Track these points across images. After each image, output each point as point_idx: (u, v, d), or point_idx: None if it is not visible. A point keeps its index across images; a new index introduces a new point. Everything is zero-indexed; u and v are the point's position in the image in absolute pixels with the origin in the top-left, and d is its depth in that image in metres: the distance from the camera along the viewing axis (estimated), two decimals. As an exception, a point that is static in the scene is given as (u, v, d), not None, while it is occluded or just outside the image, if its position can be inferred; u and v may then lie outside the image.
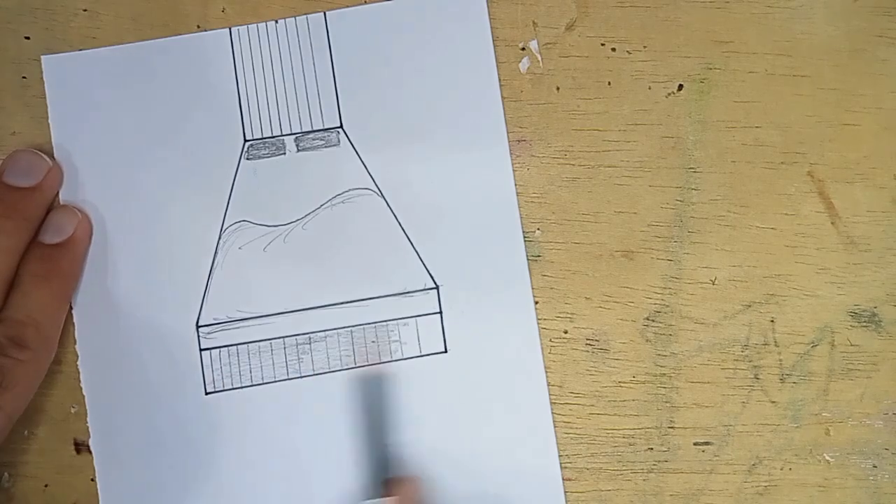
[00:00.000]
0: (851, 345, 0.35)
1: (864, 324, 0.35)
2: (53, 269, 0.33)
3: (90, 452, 0.34)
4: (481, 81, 0.36)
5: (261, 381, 0.35)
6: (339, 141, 0.36)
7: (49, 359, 0.34)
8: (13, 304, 0.32)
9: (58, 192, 0.35)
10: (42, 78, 0.36)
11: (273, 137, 0.36)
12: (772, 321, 0.35)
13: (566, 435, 0.35)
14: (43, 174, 0.34)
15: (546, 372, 0.35)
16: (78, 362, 0.34)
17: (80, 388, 0.34)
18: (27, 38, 0.36)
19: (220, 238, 0.35)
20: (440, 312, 0.35)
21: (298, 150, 0.36)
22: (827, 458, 0.35)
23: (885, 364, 0.35)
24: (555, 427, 0.35)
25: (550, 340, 0.35)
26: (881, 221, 0.36)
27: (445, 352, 0.35)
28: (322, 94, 0.36)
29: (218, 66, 0.36)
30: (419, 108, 0.36)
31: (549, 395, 0.35)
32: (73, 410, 0.34)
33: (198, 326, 0.35)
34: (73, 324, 0.35)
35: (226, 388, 0.35)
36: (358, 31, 0.36)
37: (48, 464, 0.34)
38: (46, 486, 0.34)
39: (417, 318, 0.35)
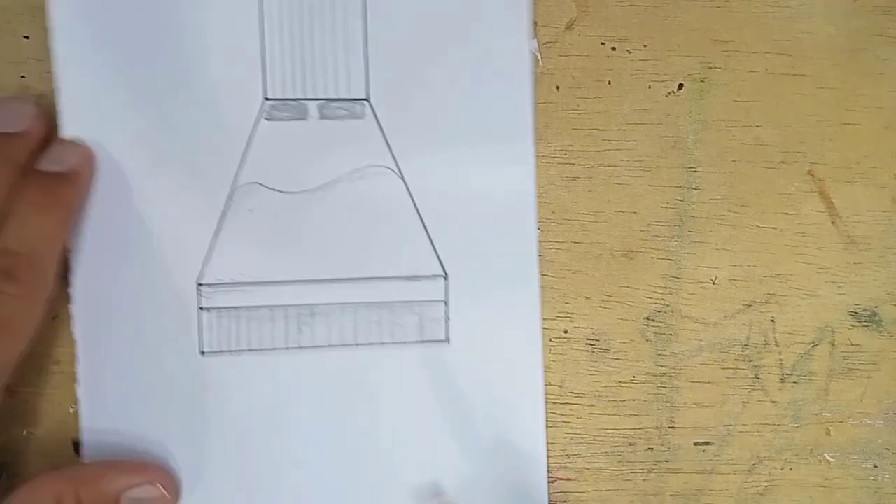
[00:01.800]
0: (852, 344, 0.35)
1: (865, 323, 0.35)
2: (53, 198, 0.31)
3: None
4: (514, 75, 0.35)
5: (259, 348, 0.34)
6: (363, 114, 0.35)
7: (43, 297, 0.31)
8: (6, 233, 0.30)
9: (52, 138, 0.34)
10: (42, 78, 0.36)
11: (296, 100, 0.35)
12: (772, 321, 0.35)
13: (566, 435, 0.35)
14: (29, 120, 0.32)
15: (546, 372, 0.35)
16: (71, 306, 0.33)
17: (79, 389, 0.34)
18: (27, 37, 0.36)
19: (229, 197, 0.34)
20: (446, 301, 0.35)
21: (321, 118, 0.35)
22: (827, 457, 0.35)
23: (885, 364, 0.35)
24: (554, 427, 0.35)
25: (550, 340, 0.35)
26: (881, 221, 0.36)
27: (447, 341, 0.35)
28: (351, 62, 0.35)
29: (242, 15, 0.34)
30: (450, 93, 0.35)
31: (550, 395, 0.35)
32: (71, 410, 0.34)
33: (199, 285, 0.34)
34: (71, 272, 0.33)
35: (222, 350, 0.34)
36: (397, 1, 0.35)
37: (47, 464, 0.34)
38: (46, 486, 0.34)
39: (423, 304, 0.35)
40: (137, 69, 0.34)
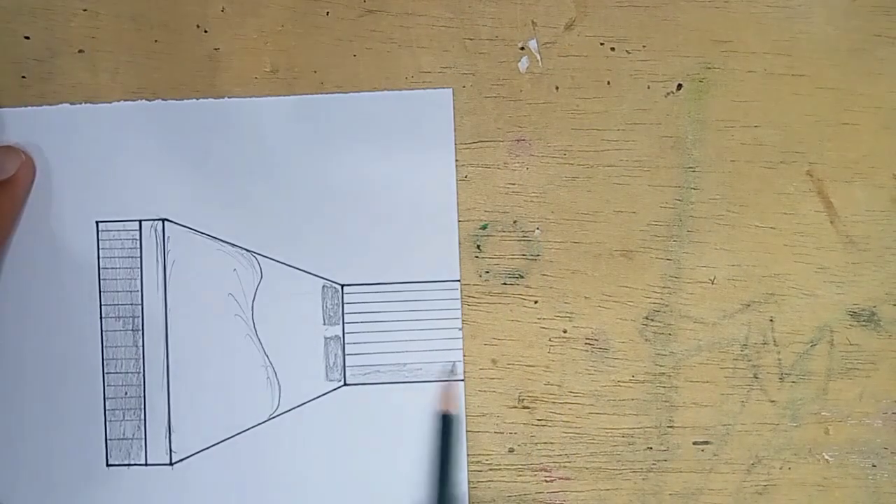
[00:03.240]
0: (850, 344, 0.35)
1: (864, 323, 0.35)
2: None
3: None
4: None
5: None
6: None
7: None
8: None
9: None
10: (42, 78, 0.36)
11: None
12: (771, 320, 0.35)
13: (565, 434, 0.35)
14: None
15: (546, 371, 0.35)
16: None
17: None
18: (27, 37, 0.36)
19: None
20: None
21: None
22: (826, 457, 0.35)
23: (884, 363, 0.35)
24: (553, 427, 0.35)
25: (550, 340, 0.35)
26: (880, 221, 0.36)
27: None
28: None
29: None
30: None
31: (549, 394, 0.35)
32: None
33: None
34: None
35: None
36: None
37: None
38: None
39: None
40: None
